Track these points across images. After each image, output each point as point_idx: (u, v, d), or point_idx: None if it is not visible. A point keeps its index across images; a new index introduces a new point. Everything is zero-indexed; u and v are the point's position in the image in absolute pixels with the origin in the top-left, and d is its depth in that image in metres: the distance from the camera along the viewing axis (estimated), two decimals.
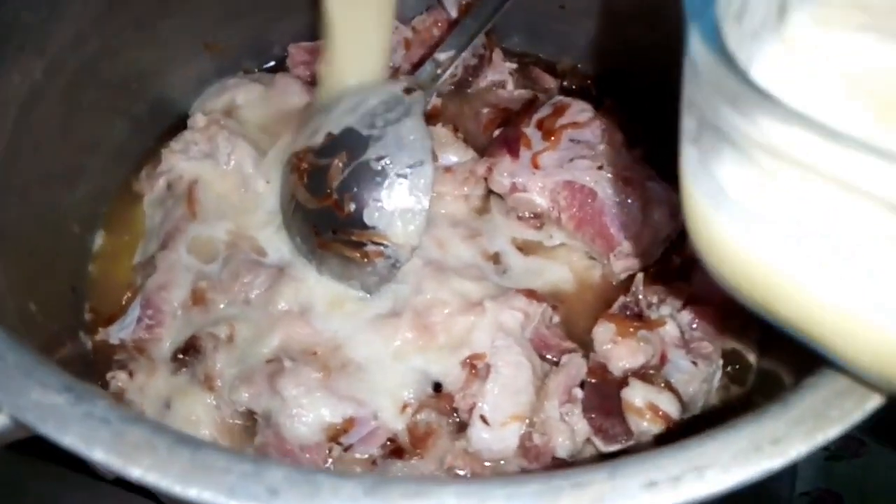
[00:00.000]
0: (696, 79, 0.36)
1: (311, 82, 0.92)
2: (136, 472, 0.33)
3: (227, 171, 0.82)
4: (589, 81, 1.00)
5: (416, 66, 0.91)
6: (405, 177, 0.73)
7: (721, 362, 0.75)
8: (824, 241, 0.35)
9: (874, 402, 0.38)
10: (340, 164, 0.74)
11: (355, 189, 0.73)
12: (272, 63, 0.98)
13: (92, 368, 0.73)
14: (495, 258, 0.81)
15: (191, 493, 0.33)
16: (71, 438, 0.34)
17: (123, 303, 0.77)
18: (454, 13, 0.95)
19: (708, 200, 0.38)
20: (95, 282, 0.79)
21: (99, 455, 0.34)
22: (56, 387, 0.36)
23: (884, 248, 0.33)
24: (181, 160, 0.83)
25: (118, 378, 0.71)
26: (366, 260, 0.74)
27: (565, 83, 1.00)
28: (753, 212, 0.36)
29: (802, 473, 1.10)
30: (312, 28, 0.97)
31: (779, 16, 0.39)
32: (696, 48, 0.35)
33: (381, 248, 0.73)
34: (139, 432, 0.35)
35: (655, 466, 0.36)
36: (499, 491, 0.35)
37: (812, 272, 0.35)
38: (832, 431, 0.37)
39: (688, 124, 0.39)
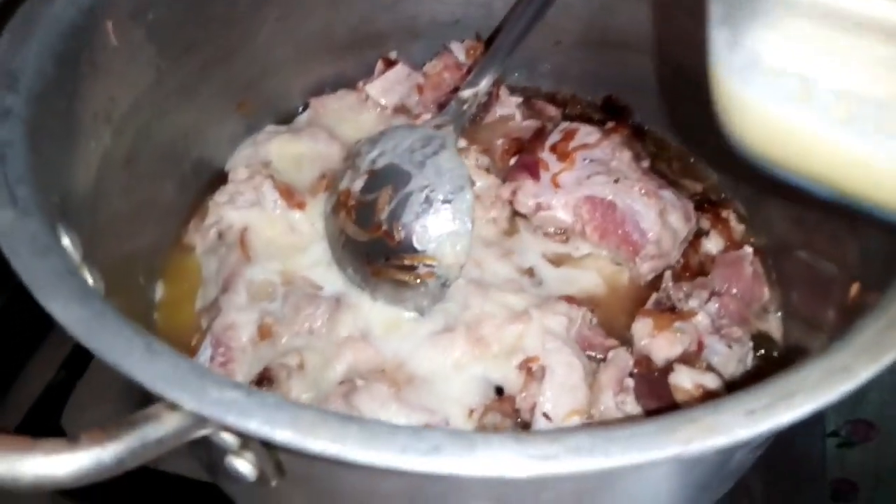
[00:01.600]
0: None
1: (335, 130, 1.00)
2: (318, 444, 0.38)
3: (274, 216, 0.88)
4: (589, 107, 1.09)
5: (435, 107, 0.99)
6: (449, 202, 0.79)
7: (751, 344, 0.82)
8: (841, 91, 0.41)
9: None
10: (387, 197, 0.81)
11: (403, 218, 0.80)
12: (295, 116, 1.04)
13: None
14: (530, 272, 0.88)
15: (370, 455, 0.38)
16: (255, 423, 0.39)
17: (192, 345, 0.82)
18: (462, 57, 1.03)
19: (738, 72, 0.45)
20: (162, 329, 0.84)
21: (284, 434, 0.39)
22: (229, 385, 0.42)
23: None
24: (230, 210, 0.88)
25: None
26: (418, 281, 0.80)
27: (567, 111, 1.09)
28: (780, 71, 0.44)
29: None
30: (329, 81, 1.05)
31: None
32: None
33: (432, 268, 0.80)
34: (310, 414, 0.40)
35: (752, 398, 0.42)
36: (621, 433, 0.41)
37: (831, 122, 0.42)
38: (887, 357, 0.44)
39: (715, 10, 0.47)
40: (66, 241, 0.55)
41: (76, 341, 0.44)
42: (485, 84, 0.88)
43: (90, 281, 0.58)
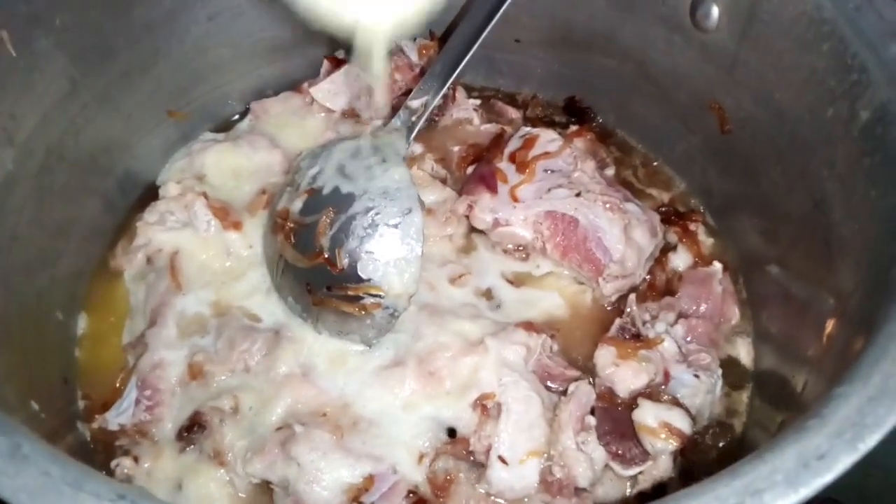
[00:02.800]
0: None
1: (277, 138, 0.92)
2: None
3: (207, 238, 0.81)
4: (550, 109, 1.02)
5: (387, 111, 0.92)
6: (396, 226, 0.73)
7: (720, 371, 0.77)
8: None
9: None
10: (328, 221, 0.74)
11: (346, 244, 0.73)
12: (234, 122, 0.97)
13: (93, 458, 0.70)
14: (487, 294, 0.82)
15: None
16: None
17: (118, 385, 0.75)
18: (415, 57, 0.96)
19: None
20: (84, 367, 0.77)
21: None
22: (109, 496, 0.35)
23: None
24: (159, 232, 0.81)
25: (123, 465, 0.69)
26: (364, 313, 0.73)
27: (528, 112, 1.02)
28: None
29: None
30: (271, 83, 0.98)
31: None
32: None
33: (379, 299, 0.73)
34: None
35: (715, 497, 0.37)
36: None
37: None
38: (871, 439, 0.39)
39: None
40: None
41: None
42: (435, 92, 0.81)
43: None
